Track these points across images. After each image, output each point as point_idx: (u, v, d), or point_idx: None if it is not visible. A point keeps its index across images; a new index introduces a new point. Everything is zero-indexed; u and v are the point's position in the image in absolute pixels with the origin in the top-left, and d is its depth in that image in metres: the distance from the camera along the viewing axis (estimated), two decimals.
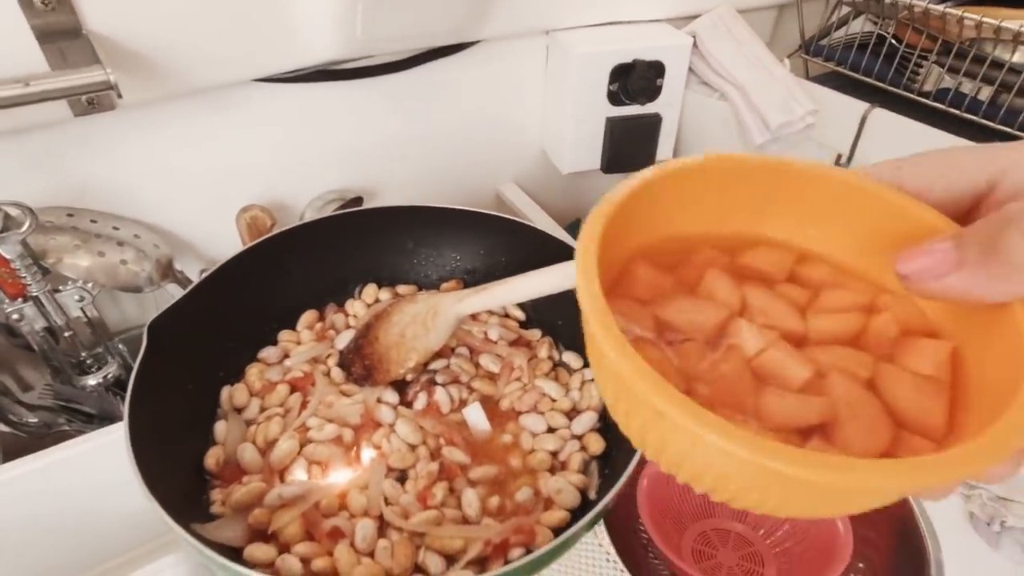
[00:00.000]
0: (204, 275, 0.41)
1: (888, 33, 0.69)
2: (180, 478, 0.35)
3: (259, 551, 0.32)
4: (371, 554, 0.34)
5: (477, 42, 0.68)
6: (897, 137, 0.67)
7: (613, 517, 0.48)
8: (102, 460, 0.49)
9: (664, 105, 0.73)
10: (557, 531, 0.36)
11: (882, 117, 0.68)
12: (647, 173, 0.21)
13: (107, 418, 0.57)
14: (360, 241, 0.49)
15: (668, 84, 0.72)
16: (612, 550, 0.54)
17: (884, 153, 0.68)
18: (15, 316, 0.49)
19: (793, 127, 0.69)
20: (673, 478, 0.19)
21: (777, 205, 0.23)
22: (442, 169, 0.75)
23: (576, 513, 0.37)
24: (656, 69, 0.70)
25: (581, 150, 0.75)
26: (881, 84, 0.69)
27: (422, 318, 0.41)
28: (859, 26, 0.73)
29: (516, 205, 0.77)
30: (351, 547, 0.33)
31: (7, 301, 0.49)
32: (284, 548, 0.34)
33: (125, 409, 0.33)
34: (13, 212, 0.46)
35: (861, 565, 0.50)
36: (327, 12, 0.53)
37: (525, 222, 0.48)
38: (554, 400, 0.43)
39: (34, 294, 0.49)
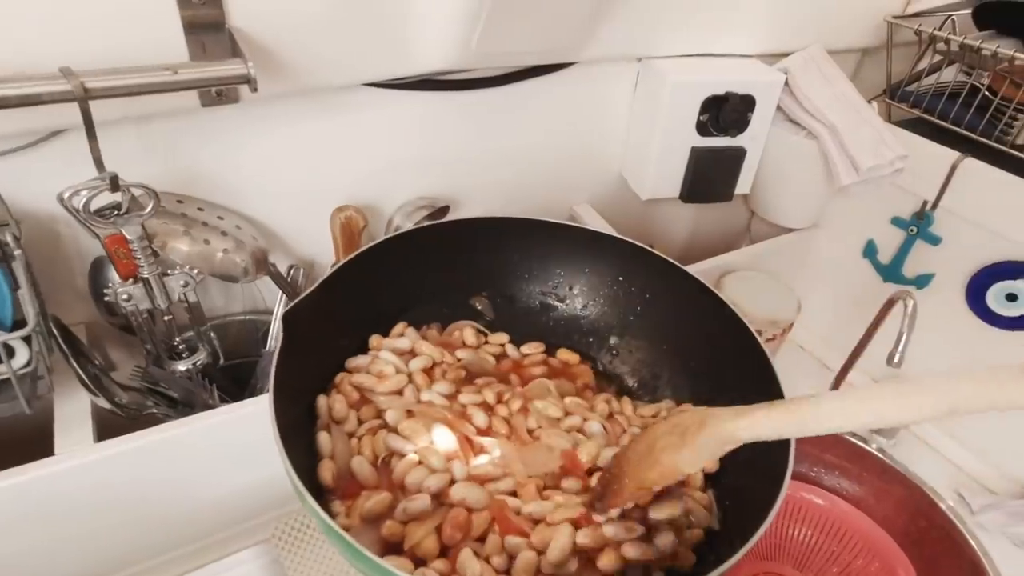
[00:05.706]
0: (331, 271, 0.41)
1: (982, 84, 0.69)
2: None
3: (396, 563, 0.31)
4: None
5: (572, 64, 0.69)
6: (986, 188, 0.67)
7: None
8: (192, 446, 0.49)
9: (749, 139, 0.74)
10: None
11: (973, 167, 0.67)
12: None
13: (188, 405, 0.57)
14: (468, 249, 0.50)
15: (756, 119, 0.72)
16: None
17: (971, 203, 0.68)
18: (124, 296, 0.50)
19: (882, 171, 0.69)
20: None
21: None
22: (522, 184, 0.76)
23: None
24: (748, 103, 0.70)
25: (663, 177, 0.75)
26: (970, 134, 0.69)
27: (683, 428, 0.32)
28: (951, 75, 0.74)
29: (590, 227, 0.77)
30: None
31: (118, 281, 0.50)
32: (420, 563, 0.33)
33: (269, 396, 0.33)
34: (138, 193, 0.47)
35: None
36: (448, 23, 0.54)
37: (645, 247, 0.48)
38: None
39: (145, 276, 0.50)
